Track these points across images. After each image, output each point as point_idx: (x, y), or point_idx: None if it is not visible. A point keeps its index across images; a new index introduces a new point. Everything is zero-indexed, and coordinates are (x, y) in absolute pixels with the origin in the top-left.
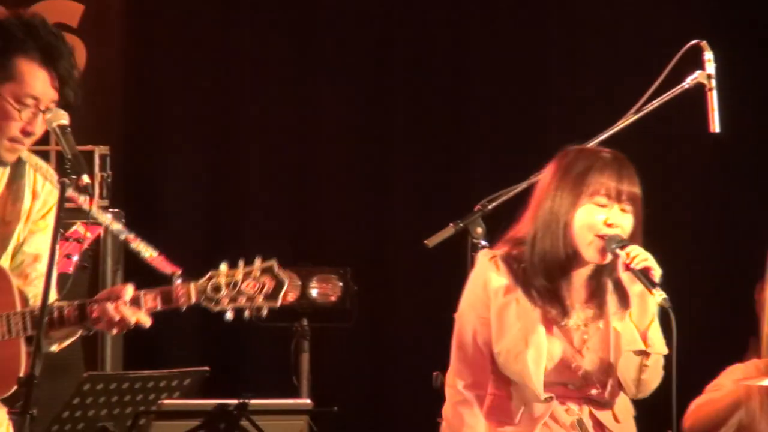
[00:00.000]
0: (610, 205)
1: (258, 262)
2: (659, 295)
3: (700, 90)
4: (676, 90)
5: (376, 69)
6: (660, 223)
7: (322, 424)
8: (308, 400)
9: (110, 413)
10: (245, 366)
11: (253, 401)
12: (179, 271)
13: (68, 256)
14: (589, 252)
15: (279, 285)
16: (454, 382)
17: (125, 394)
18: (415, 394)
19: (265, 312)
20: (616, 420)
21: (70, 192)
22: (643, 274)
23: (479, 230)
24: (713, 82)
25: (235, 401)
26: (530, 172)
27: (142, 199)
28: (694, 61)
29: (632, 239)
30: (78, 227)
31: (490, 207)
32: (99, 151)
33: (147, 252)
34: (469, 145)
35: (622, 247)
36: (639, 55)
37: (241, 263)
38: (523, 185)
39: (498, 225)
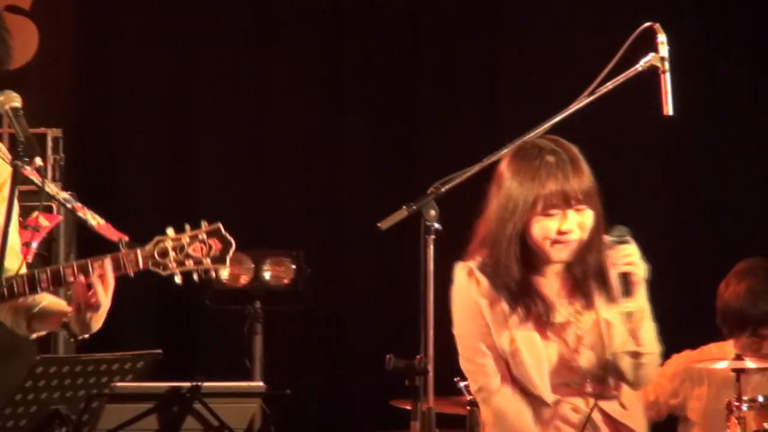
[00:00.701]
0: (563, 212)
1: (204, 225)
2: (624, 307)
3: (653, 72)
4: (630, 72)
5: (329, 53)
6: (613, 207)
7: (276, 406)
8: (261, 383)
9: (63, 396)
10: (198, 349)
11: (206, 384)
12: (126, 238)
13: (26, 244)
14: (555, 254)
15: (226, 246)
16: (484, 388)
17: (78, 377)
18: (368, 377)
19: (213, 274)
20: (624, 408)
21: (26, 172)
22: (623, 279)
23: (432, 213)
24: (666, 65)
25: (187, 384)
26: (484, 155)
27: (95, 182)
28: (648, 44)
29: (595, 231)
30: (40, 219)
31: (443, 190)
32: (51, 133)
33: (93, 220)
34: (422, 128)
35: (619, 243)
36: (593, 37)
37: (187, 227)
38: (476, 168)
39: (451, 207)
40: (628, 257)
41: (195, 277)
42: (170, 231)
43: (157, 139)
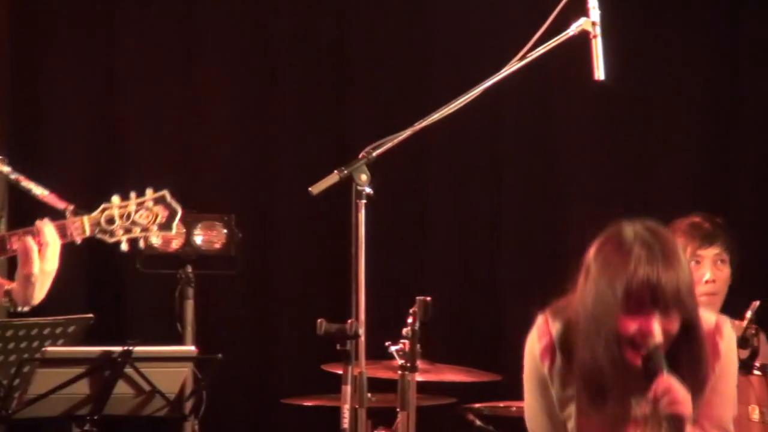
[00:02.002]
0: (644, 313)
1: (150, 193)
2: None
3: (584, 37)
4: (561, 37)
5: (259, 17)
6: (544, 173)
7: (207, 370)
8: (193, 348)
9: None
10: (129, 313)
11: (138, 348)
12: (72, 207)
13: None
14: (632, 358)
15: (172, 214)
16: None
17: (9, 342)
18: (299, 341)
19: (160, 241)
20: None
21: None
22: (671, 422)
23: (364, 177)
24: (597, 29)
25: (119, 348)
26: (415, 119)
27: (26, 149)
28: (580, 9)
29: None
30: None
31: (374, 154)
32: None
33: (38, 190)
34: (354, 92)
35: (655, 373)
36: (526, 1)
37: (133, 194)
38: (408, 133)
39: (380, 171)
40: (669, 395)
41: (141, 244)
42: (116, 199)
43: (88, 104)
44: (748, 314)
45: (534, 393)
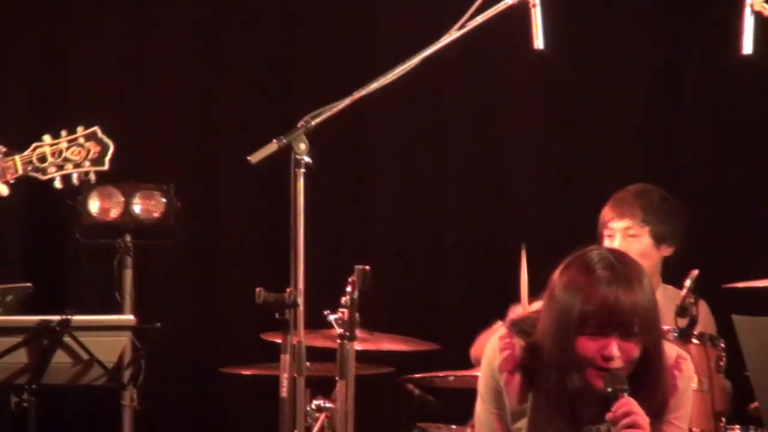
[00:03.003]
0: (606, 335)
1: (81, 130)
2: None
3: (524, 6)
4: (500, 6)
5: None
6: (486, 142)
7: (146, 339)
8: (131, 317)
9: None
10: (68, 283)
11: (76, 318)
12: (4, 148)
13: None
14: (590, 378)
15: (105, 149)
16: None
17: None
18: (238, 310)
19: (93, 177)
20: None
21: None
22: None
23: (302, 146)
24: None
25: (57, 318)
26: (354, 88)
27: None
28: None
29: (641, 365)
30: None
31: (313, 123)
32: None
33: None
34: (295, 61)
35: (617, 397)
36: None
37: (63, 132)
38: (347, 102)
39: (320, 141)
40: (629, 418)
41: (75, 180)
42: (47, 137)
43: (25, 71)
44: (687, 283)
45: (488, 401)
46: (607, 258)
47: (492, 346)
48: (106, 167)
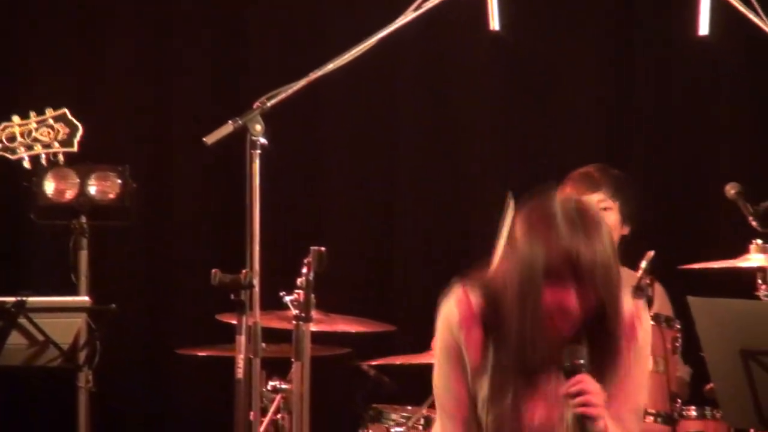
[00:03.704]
0: (563, 284)
1: (50, 111)
2: None
3: None
4: None
5: None
6: (442, 122)
7: (101, 321)
8: (86, 298)
9: None
10: (23, 264)
11: (31, 299)
12: None
13: None
14: (554, 333)
15: (73, 130)
16: None
17: None
18: (193, 291)
19: (62, 158)
20: None
21: None
22: (579, 421)
23: (258, 127)
24: None
25: (12, 299)
26: (310, 69)
27: None
28: None
29: (595, 312)
30: None
31: (269, 104)
32: None
33: None
34: (251, 41)
35: (573, 372)
36: None
37: (32, 113)
38: (302, 83)
39: (276, 122)
40: (582, 395)
41: (43, 160)
42: (16, 117)
43: None
44: (643, 264)
45: (447, 363)
46: (568, 209)
47: (449, 304)
48: (75, 148)
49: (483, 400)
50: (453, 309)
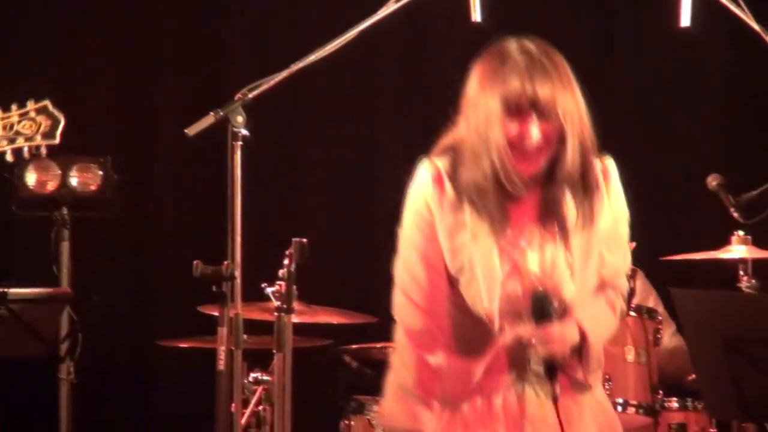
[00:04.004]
0: (523, 115)
1: (31, 104)
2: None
3: None
4: None
5: None
6: (422, 114)
7: (83, 312)
8: (68, 289)
9: None
10: (5, 256)
11: (13, 290)
12: None
13: None
14: (515, 165)
15: (55, 122)
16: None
17: None
18: (175, 283)
19: (44, 150)
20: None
21: None
22: (545, 364)
23: (240, 119)
24: None
25: None
26: (292, 60)
27: None
28: None
29: (565, 145)
30: None
31: (250, 96)
32: None
33: None
34: (233, 32)
35: (543, 319)
36: None
37: (14, 106)
38: (284, 74)
39: (258, 114)
40: (549, 339)
41: (26, 153)
42: None
43: None
44: None
45: (415, 240)
46: (526, 45)
47: (416, 179)
48: (57, 141)
49: (468, 257)
50: (424, 175)
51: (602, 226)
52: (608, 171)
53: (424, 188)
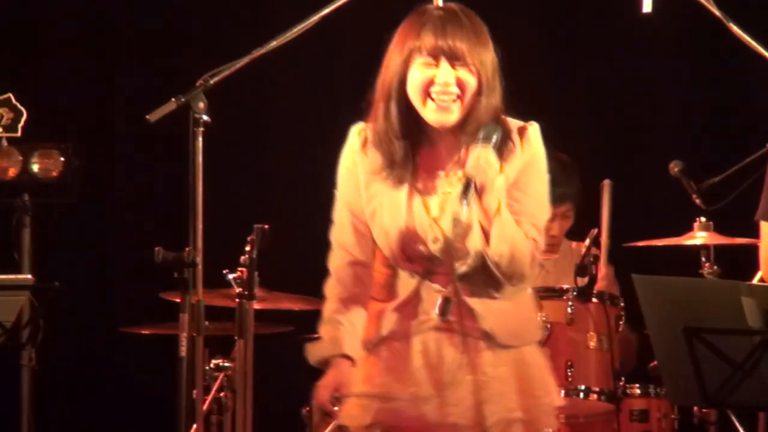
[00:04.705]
0: (437, 63)
1: None
2: (455, 213)
3: None
4: None
5: None
6: None
7: (44, 299)
8: (29, 276)
9: None
10: None
11: None
12: None
13: None
14: (429, 115)
15: (18, 115)
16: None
17: None
18: (137, 269)
19: (5, 143)
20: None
21: None
22: (464, 182)
23: (201, 105)
24: None
25: None
26: (254, 46)
27: None
28: None
29: (479, 97)
30: None
31: (212, 82)
32: None
33: None
34: (194, 17)
35: (486, 141)
36: None
37: None
38: (245, 60)
39: (219, 100)
40: (476, 158)
41: None
42: None
43: None
44: (587, 242)
45: (344, 193)
46: (445, 4)
47: (349, 138)
48: (18, 133)
49: (372, 209)
50: (353, 135)
51: (510, 177)
52: (527, 132)
53: (352, 146)
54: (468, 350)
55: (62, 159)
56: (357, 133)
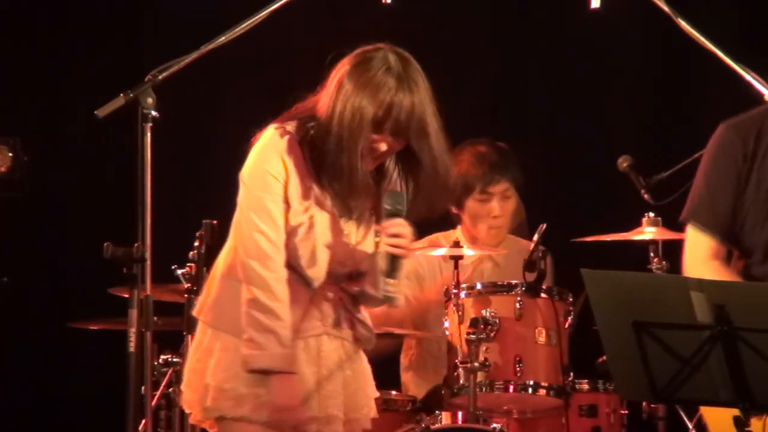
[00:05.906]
0: (382, 132)
1: None
2: (384, 289)
3: None
4: None
5: None
6: None
7: None
8: None
9: None
10: None
11: None
12: None
13: None
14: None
15: None
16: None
17: None
18: (85, 265)
19: None
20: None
21: None
22: (389, 259)
23: (150, 100)
24: None
25: None
26: (204, 41)
27: None
28: None
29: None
30: None
31: (160, 77)
32: None
33: None
34: (143, 13)
35: (394, 215)
36: None
37: None
38: (194, 56)
39: (168, 95)
40: (398, 237)
41: None
42: None
43: None
44: (536, 237)
45: (270, 191)
46: (395, 64)
47: (269, 135)
48: None
49: (301, 220)
50: (277, 138)
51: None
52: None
53: (278, 147)
54: None
55: (10, 154)
56: (284, 135)
